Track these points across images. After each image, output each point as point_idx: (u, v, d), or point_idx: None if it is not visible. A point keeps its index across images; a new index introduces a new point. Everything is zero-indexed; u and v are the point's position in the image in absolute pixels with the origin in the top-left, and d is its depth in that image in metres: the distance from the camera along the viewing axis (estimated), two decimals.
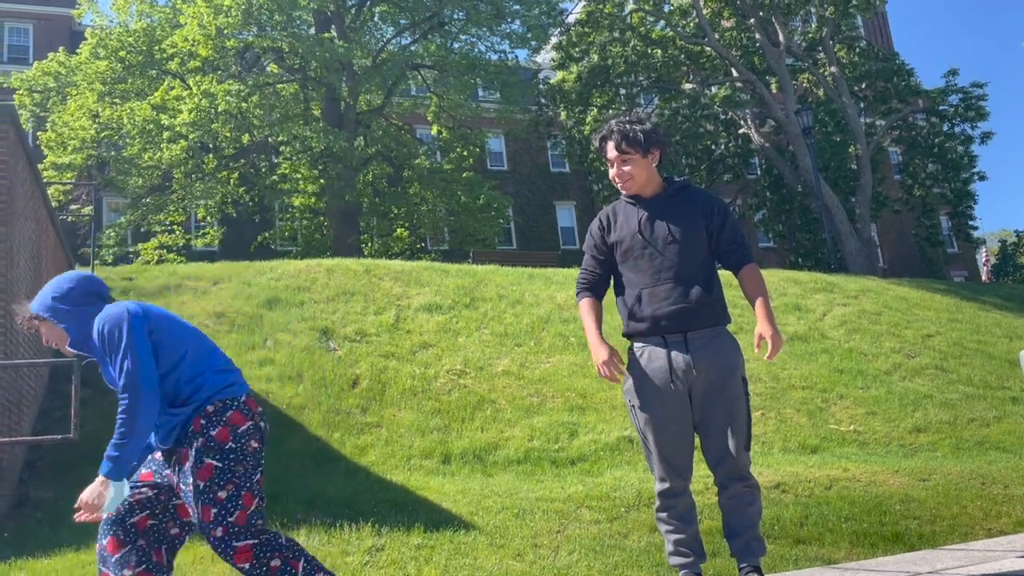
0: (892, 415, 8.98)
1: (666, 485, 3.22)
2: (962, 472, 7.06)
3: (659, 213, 3.32)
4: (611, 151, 3.38)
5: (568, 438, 7.91)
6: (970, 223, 25.54)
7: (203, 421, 2.81)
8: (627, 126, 3.36)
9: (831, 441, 8.27)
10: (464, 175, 22.77)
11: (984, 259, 37.16)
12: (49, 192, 9.91)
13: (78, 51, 21.02)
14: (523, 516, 5.75)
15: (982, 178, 25.26)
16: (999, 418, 9.10)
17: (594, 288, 3.41)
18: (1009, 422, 9.00)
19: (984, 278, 35.43)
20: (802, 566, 4.91)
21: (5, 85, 21.93)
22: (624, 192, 3.41)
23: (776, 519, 5.88)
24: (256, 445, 2.91)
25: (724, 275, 3.73)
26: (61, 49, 21.90)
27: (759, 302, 3.33)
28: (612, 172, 3.42)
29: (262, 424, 2.97)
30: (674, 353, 3.21)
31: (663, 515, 3.29)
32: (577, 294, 3.46)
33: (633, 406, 3.29)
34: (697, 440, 3.33)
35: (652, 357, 3.24)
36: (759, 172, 28.10)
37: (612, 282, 3.46)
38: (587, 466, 7.34)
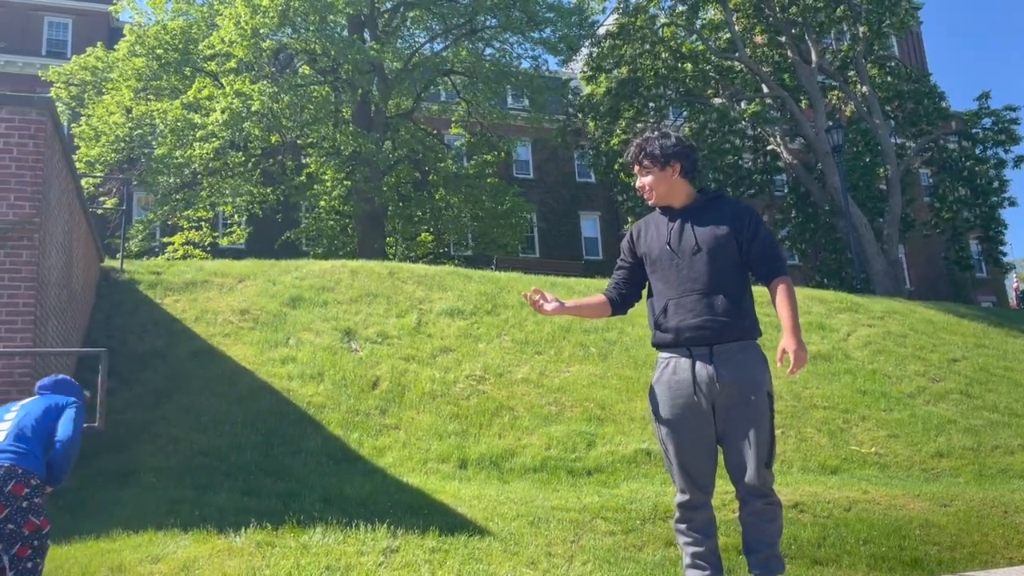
0: (915, 439, 8.87)
1: (686, 497, 3.22)
2: (984, 499, 6.97)
3: (688, 223, 3.33)
4: (636, 164, 3.52)
5: (585, 448, 7.89)
6: (1000, 248, 25.21)
7: None
8: (648, 139, 3.45)
9: (852, 463, 8.18)
10: (489, 180, 22.85)
11: (1015, 285, 36.64)
12: (81, 184, 10.07)
13: (116, 47, 21.36)
14: (538, 524, 5.74)
15: (1012, 203, 24.94)
16: None
17: (612, 294, 3.53)
18: None
19: (1013, 304, 34.94)
20: None
21: (43, 78, 22.30)
22: (652, 205, 3.48)
23: (794, 539, 5.83)
24: None
25: (758, 291, 3.72)
26: (99, 44, 22.27)
27: (786, 316, 3.30)
28: (638, 184, 3.54)
29: None
30: (699, 365, 3.21)
31: (682, 527, 3.28)
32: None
33: (657, 416, 3.31)
34: (721, 455, 3.32)
35: (677, 369, 3.26)
36: (786, 189, 27.92)
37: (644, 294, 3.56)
38: (604, 477, 7.32)
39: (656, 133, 3.49)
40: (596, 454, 7.78)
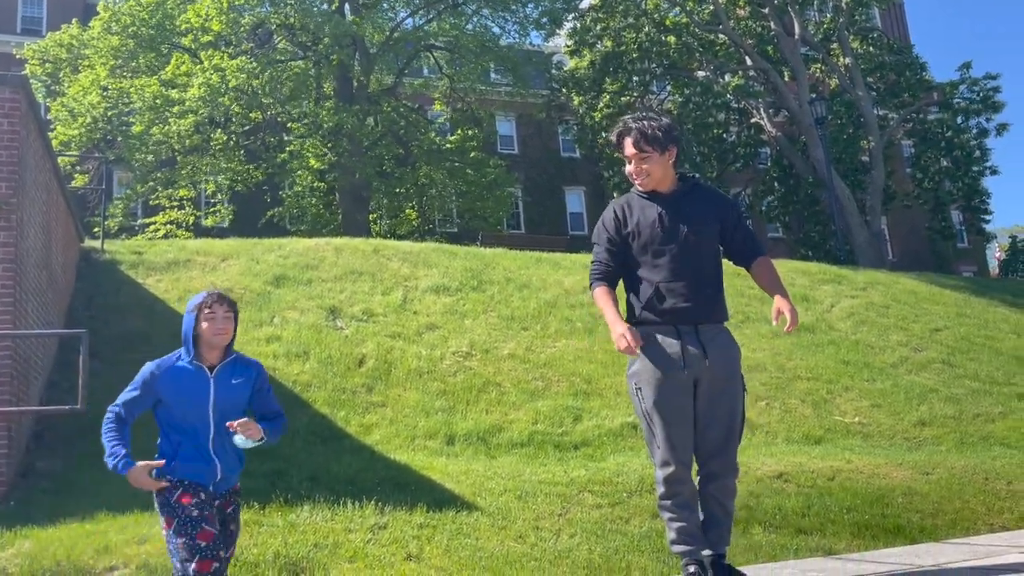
0: (897, 408, 8.97)
1: (671, 470, 3.23)
2: (966, 467, 7.06)
3: (677, 210, 3.38)
4: (629, 148, 3.41)
5: (572, 422, 7.92)
6: (984, 217, 25.37)
7: None
8: (646, 124, 3.38)
9: (835, 432, 8.27)
10: (472, 154, 22.70)
11: (996, 254, 36.98)
12: (58, 162, 9.93)
13: (90, 25, 20.98)
14: (525, 498, 5.77)
15: (994, 172, 25.10)
16: (1004, 414, 9.08)
17: (609, 278, 3.42)
18: (1014, 418, 8.98)
19: (994, 273, 35.26)
20: (803, 556, 4.92)
21: (18, 56, 21.91)
22: (641, 189, 3.42)
23: (778, 508, 5.89)
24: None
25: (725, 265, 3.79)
26: (74, 21, 21.86)
27: (778, 282, 3.43)
28: (629, 168, 3.46)
29: None
30: (687, 342, 3.26)
31: (667, 502, 3.29)
32: (592, 283, 3.46)
33: (639, 389, 3.30)
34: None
35: (664, 344, 3.27)
36: (769, 163, 27.96)
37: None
38: (590, 451, 7.35)
39: (647, 115, 3.46)
40: (583, 428, 7.81)
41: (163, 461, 3.25)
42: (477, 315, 10.22)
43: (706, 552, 3.30)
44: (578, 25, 24.44)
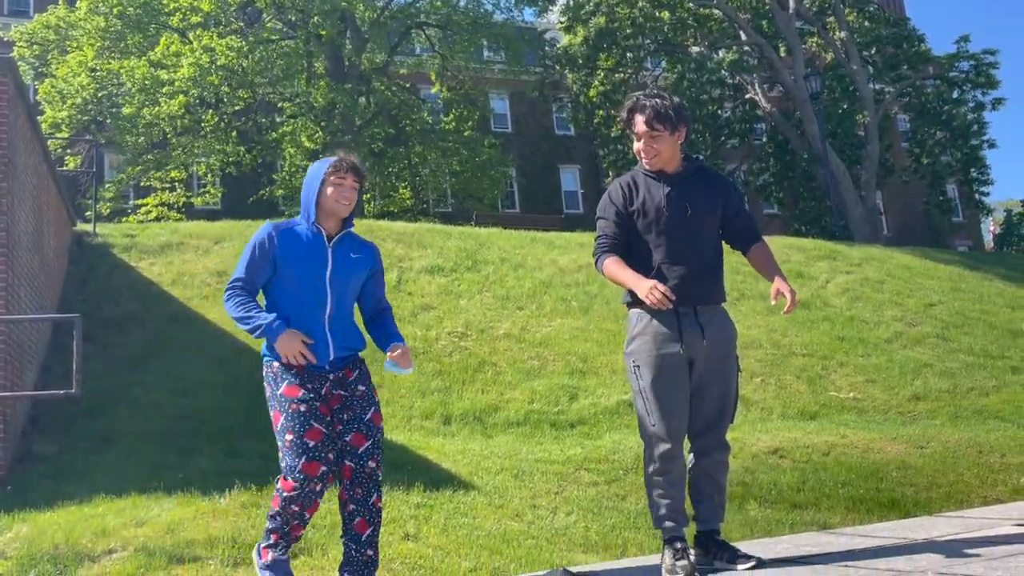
0: (892, 383, 9.00)
1: (667, 447, 3.23)
2: (960, 440, 7.10)
3: (683, 191, 3.38)
4: (640, 125, 3.38)
5: (568, 401, 7.95)
6: (982, 189, 25.32)
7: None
8: (659, 102, 3.37)
9: (830, 408, 8.30)
10: (467, 133, 22.58)
11: (991, 228, 37.02)
12: (48, 145, 9.86)
13: (77, 6, 20.75)
14: (522, 477, 5.79)
15: (991, 146, 25.03)
16: (998, 388, 9.13)
17: (617, 251, 3.39)
18: (1008, 392, 9.03)
19: (989, 247, 35.32)
20: (798, 530, 4.95)
21: (5, 38, 21.67)
22: (648, 167, 3.41)
23: (773, 484, 5.92)
24: None
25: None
26: (61, 2, 21.62)
27: (774, 267, 3.44)
28: (638, 146, 3.42)
29: None
30: (685, 321, 3.28)
31: (659, 479, 3.28)
32: (598, 257, 3.40)
33: (637, 367, 3.29)
34: None
35: (663, 322, 3.27)
36: (764, 138, 27.86)
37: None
38: (586, 429, 7.38)
39: (658, 93, 3.46)
40: (579, 407, 7.83)
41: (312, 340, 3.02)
42: (472, 295, 10.21)
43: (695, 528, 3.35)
44: (571, 1, 24.23)
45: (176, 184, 21.32)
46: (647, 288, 3.15)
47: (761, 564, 3.04)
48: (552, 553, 4.54)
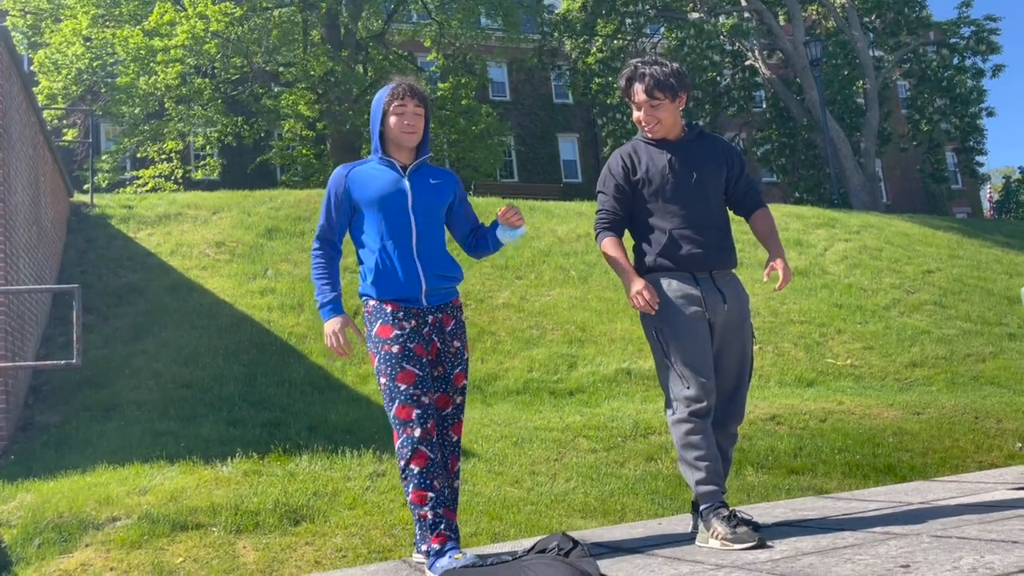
0: (889, 350, 9.05)
1: (701, 405, 3.09)
2: (956, 406, 7.15)
3: (686, 158, 3.33)
4: (640, 94, 3.32)
5: (567, 370, 7.98)
6: (978, 158, 25.27)
7: None
8: (658, 69, 3.31)
9: (827, 375, 8.35)
10: (464, 102, 22.41)
11: (988, 195, 36.94)
12: (44, 116, 9.78)
13: None
14: (521, 445, 5.84)
15: (990, 114, 24.91)
16: (995, 354, 9.17)
17: (616, 227, 3.34)
18: (1005, 358, 9.08)
19: (988, 214, 35.27)
20: (794, 495, 5.01)
21: None
22: (650, 135, 3.36)
23: (770, 450, 5.97)
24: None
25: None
26: None
27: (774, 238, 3.41)
28: (638, 114, 3.36)
29: None
30: (704, 285, 3.24)
31: (695, 438, 3.08)
32: (599, 233, 3.35)
33: (659, 330, 3.18)
34: None
35: (683, 288, 3.20)
36: (764, 105, 27.67)
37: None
38: (585, 397, 7.43)
39: (656, 60, 3.39)
40: (577, 375, 7.87)
41: (361, 332, 3.02)
42: (471, 264, 10.22)
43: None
44: None
45: (173, 156, 21.21)
46: (634, 292, 3.13)
47: (756, 528, 3.06)
48: (551, 519, 4.60)
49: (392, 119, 3.03)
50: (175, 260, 9.55)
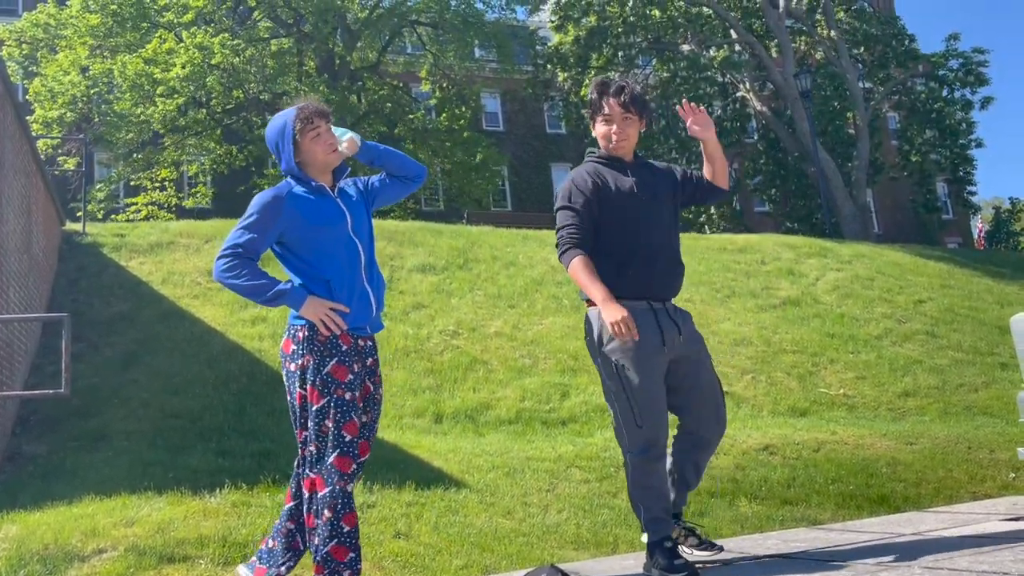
0: (882, 380, 9.04)
1: (658, 449, 3.12)
2: (949, 436, 7.14)
3: (646, 181, 3.30)
4: (615, 107, 3.26)
5: (559, 399, 7.95)
6: (969, 188, 25.47)
7: None
8: (635, 86, 3.29)
9: (820, 405, 8.33)
10: (465, 135, 22.58)
11: (979, 226, 37.19)
12: (37, 145, 9.81)
13: (68, 3, 20.64)
14: (513, 475, 5.79)
15: (979, 145, 25.17)
16: (987, 384, 9.18)
17: (585, 245, 3.19)
18: (997, 388, 9.08)
19: (978, 245, 35.47)
20: (788, 526, 4.97)
21: None
22: (616, 152, 3.31)
23: (764, 480, 5.94)
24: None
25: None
26: (50, 0, 21.50)
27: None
28: (607, 128, 3.28)
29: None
30: (662, 319, 3.19)
31: (651, 480, 3.12)
32: (566, 250, 3.20)
33: (620, 366, 3.11)
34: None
35: (642, 322, 3.11)
36: (756, 136, 27.91)
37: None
38: (577, 427, 7.39)
39: (627, 79, 3.39)
40: (570, 404, 7.84)
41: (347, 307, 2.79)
42: (464, 293, 10.21)
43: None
44: (562, 0, 24.24)
45: (166, 184, 21.26)
46: (617, 319, 2.99)
47: (721, 550, 3.05)
48: (543, 550, 4.55)
49: (316, 146, 2.90)
50: (167, 289, 9.53)
